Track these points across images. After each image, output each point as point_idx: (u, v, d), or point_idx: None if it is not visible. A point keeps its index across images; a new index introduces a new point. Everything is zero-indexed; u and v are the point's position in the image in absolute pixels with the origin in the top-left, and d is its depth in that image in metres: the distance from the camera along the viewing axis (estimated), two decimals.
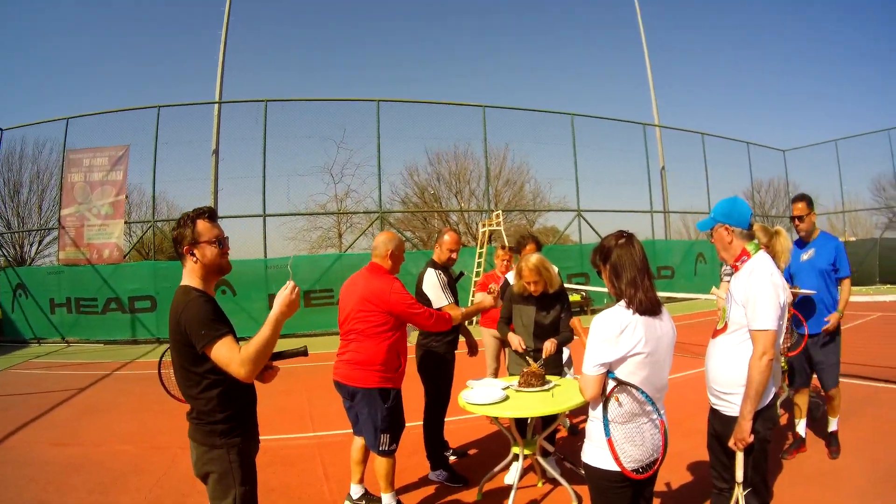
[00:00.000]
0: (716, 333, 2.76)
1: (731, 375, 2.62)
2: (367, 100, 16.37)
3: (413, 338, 4.02)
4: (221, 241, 2.35)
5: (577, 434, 5.42)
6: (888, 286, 20.64)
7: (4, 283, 14.96)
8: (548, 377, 3.90)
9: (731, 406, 2.63)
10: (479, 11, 59.51)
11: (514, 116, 18.53)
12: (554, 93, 55.85)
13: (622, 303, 2.30)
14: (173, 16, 45.05)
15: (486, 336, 5.73)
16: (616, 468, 2.21)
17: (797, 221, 4.50)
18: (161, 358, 2.98)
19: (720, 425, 2.70)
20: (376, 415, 3.53)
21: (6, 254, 18.02)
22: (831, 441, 4.49)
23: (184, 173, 16.47)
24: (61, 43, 42.21)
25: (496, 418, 3.75)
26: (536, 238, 5.54)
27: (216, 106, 16.58)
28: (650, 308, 2.28)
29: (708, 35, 57.95)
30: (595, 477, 2.33)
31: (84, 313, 14.17)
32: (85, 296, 14.17)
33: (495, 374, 5.60)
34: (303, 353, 2.48)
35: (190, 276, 2.31)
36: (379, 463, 3.58)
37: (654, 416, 2.31)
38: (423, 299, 4.20)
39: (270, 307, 2.20)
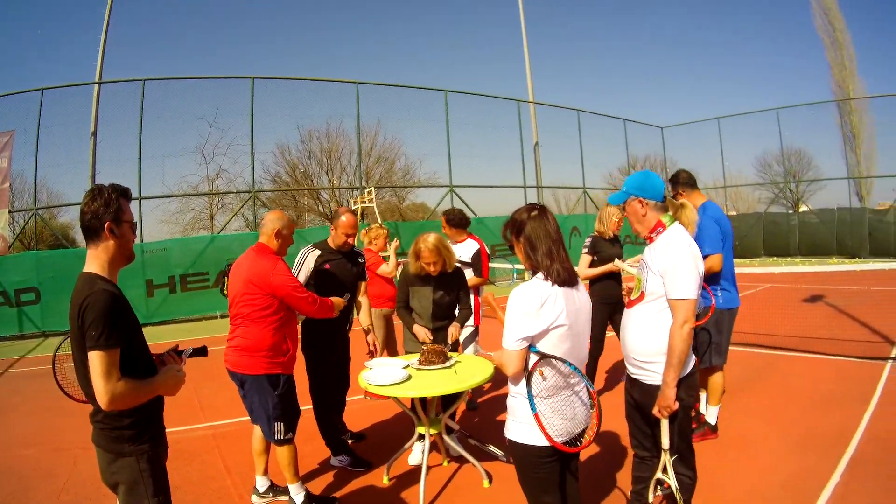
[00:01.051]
0: (631, 304, 2.81)
1: (651, 345, 2.68)
2: (242, 77, 16.28)
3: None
4: (134, 226, 2.24)
5: (476, 409, 5.62)
6: (773, 258, 21.80)
7: None
8: (449, 353, 3.89)
9: (652, 375, 2.69)
10: None
11: (387, 92, 18.60)
12: (428, 69, 55.88)
13: (539, 275, 2.27)
14: None
15: (373, 316, 5.45)
16: (545, 443, 2.19)
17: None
18: (55, 352, 2.79)
19: (640, 394, 2.77)
20: (267, 403, 3.46)
21: None
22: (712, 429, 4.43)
23: (64, 158, 16.05)
24: None
25: (396, 398, 3.67)
26: (455, 214, 5.60)
27: (95, 87, 16.19)
28: (568, 279, 2.27)
29: (587, 12, 58.91)
30: (523, 454, 2.31)
31: None
32: None
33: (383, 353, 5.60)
34: (202, 352, 2.43)
35: (96, 260, 2.14)
36: (279, 453, 3.54)
37: (579, 388, 2.30)
38: None
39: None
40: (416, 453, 4.19)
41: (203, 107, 16.79)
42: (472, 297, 4.99)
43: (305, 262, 4.18)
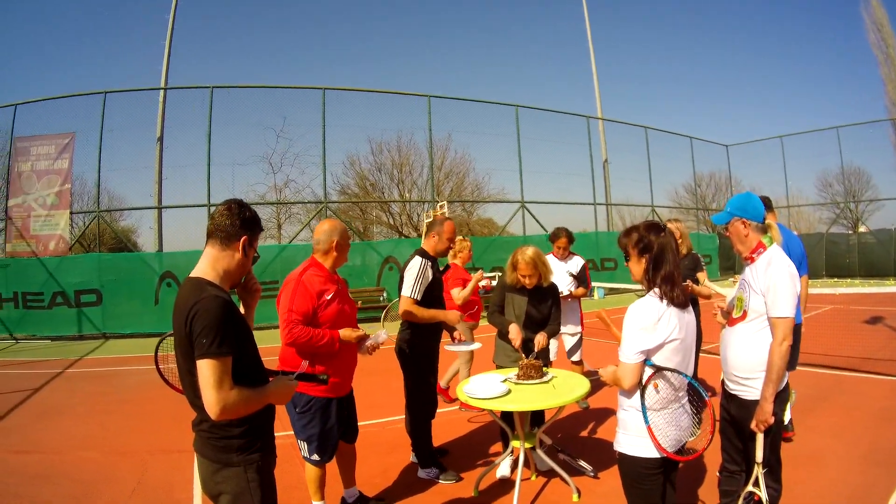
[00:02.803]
0: (733, 322, 2.86)
1: (751, 361, 2.73)
2: (314, 87, 16.24)
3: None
4: (255, 260, 2.22)
5: (587, 409, 5.69)
6: (833, 279, 21.37)
7: None
8: (545, 369, 3.89)
9: (750, 391, 2.74)
10: (426, 2, 58.96)
11: (458, 107, 18.51)
12: (498, 84, 55.85)
13: (654, 293, 2.35)
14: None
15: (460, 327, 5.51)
16: (654, 455, 2.29)
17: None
18: (156, 352, 2.73)
19: (737, 409, 2.82)
20: (292, 419, 3.42)
21: None
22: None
23: (127, 162, 16.10)
24: (6, 27, 40.51)
25: (493, 411, 3.70)
26: (568, 231, 5.90)
27: (161, 93, 16.27)
28: (683, 303, 2.36)
29: (654, 30, 58.42)
30: (632, 466, 2.38)
31: (31, 308, 13.79)
32: (31, 290, 13.80)
33: (470, 364, 5.75)
34: (322, 381, 2.36)
35: (214, 265, 2.07)
36: (306, 469, 3.51)
37: (685, 400, 2.41)
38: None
39: None
40: (504, 466, 4.17)
41: (271, 116, 16.96)
42: (578, 309, 5.83)
43: (425, 274, 4.13)
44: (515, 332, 4.04)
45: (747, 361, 2.75)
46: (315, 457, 3.40)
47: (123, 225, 19.66)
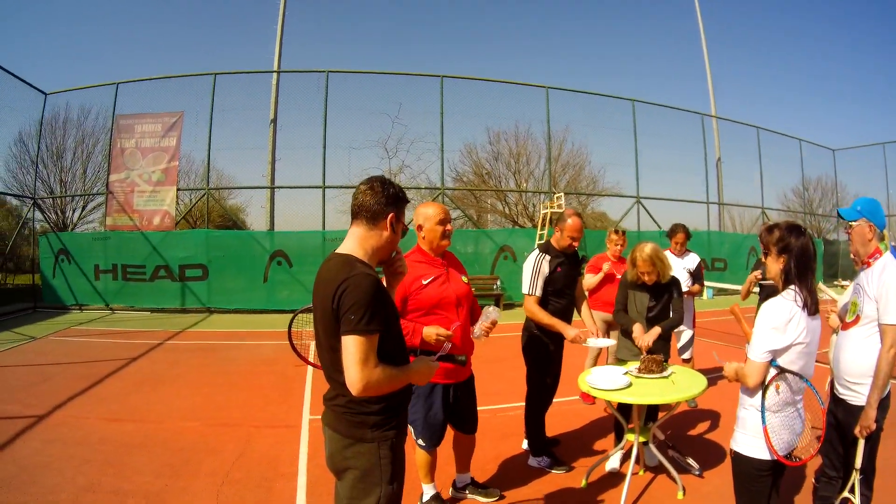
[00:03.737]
0: (846, 326, 2.88)
1: (861, 366, 2.75)
2: (432, 75, 16.11)
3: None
4: (405, 232, 2.23)
5: (696, 407, 5.60)
6: None
7: (46, 249, 14.65)
8: (665, 364, 3.88)
9: (858, 396, 2.76)
10: None
11: (575, 99, 18.20)
12: (615, 78, 55.27)
13: (789, 293, 2.35)
14: None
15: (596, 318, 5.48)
16: (766, 457, 2.31)
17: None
18: (290, 328, 2.81)
19: (844, 414, 2.83)
20: None
21: (48, 219, 17.54)
22: None
23: (236, 142, 16.11)
24: (110, 5, 41.60)
25: (610, 403, 3.77)
26: (686, 228, 5.92)
27: (274, 75, 16.31)
28: (814, 309, 2.34)
29: (766, 29, 57.46)
30: (745, 465, 2.40)
31: (131, 280, 13.92)
32: (133, 262, 13.93)
33: (595, 359, 5.74)
34: (461, 362, 2.44)
35: (362, 244, 2.05)
36: (416, 452, 3.40)
37: (801, 405, 2.40)
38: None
39: None
40: (614, 460, 4.15)
41: (385, 102, 16.58)
42: (692, 307, 5.91)
43: (541, 268, 4.08)
44: (639, 332, 4.07)
45: (858, 366, 2.77)
46: (420, 441, 3.36)
47: (232, 203, 19.70)
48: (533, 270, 4.07)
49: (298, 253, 13.94)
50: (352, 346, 1.81)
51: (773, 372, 2.31)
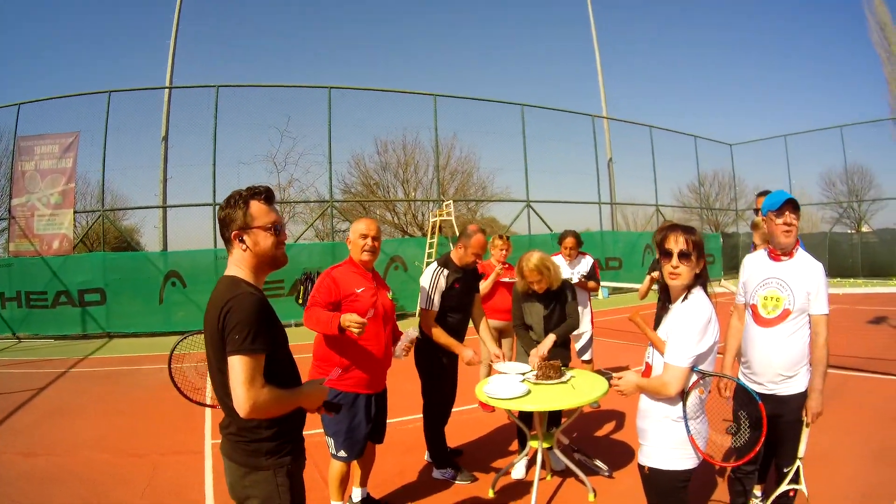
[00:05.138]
0: (770, 322, 2.89)
1: (795, 357, 2.82)
2: (319, 86, 16.24)
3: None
4: (278, 229, 2.06)
5: (598, 407, 5.68)
6: (836, 279, 21.23)
7: None
8: (563, 368, 3.89)
9: (792, 385, 2.83)
10: (431, 1, 58.96)
11: (463, 106, 18.50)
12: (504, 84, 55.96)
13: (701, 294, 2.30)
14: None
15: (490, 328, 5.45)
16: (691, 466, 2.25)
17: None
18: (172, 351, 2.68)
19: (774, 407, 2.79)
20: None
21: None
22: None
23: (131, 161, 16.13)
24: (9, 26, 40.42)
25: (510, 411, 3.73)
26: (575, 233, 5.91)
27: (166, 92, 16.27)
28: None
29: (657, 28, 58.31)
30: (667, 480, 2.29)
31: (34, 307, 13.76)
32: (35, 289, 13.78)
33: (489, 367, 5.61)
34: (335, 410, 2.25)
35: (238, 266, 2.02)
36: (330, 466, 3.47)
37: (701, 416, 2.32)
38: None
39: None
40: (520, 467, 4.18)
41: (274, 115, 16.80)
42: (588, 309, 5.86)
43: (438, 282, 4.11)
44: (533, 359, 4.04)
45: (791, 358, 2.81)
46: (342, 453, 3.36)
47: (127, 224, 19.59)
48: (430, 284, 4.09)
49: (192, 272, 13.87)
50: (237, 366, 1.80)
51: (693, 376, 2.23)
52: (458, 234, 14.05)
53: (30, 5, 40.40)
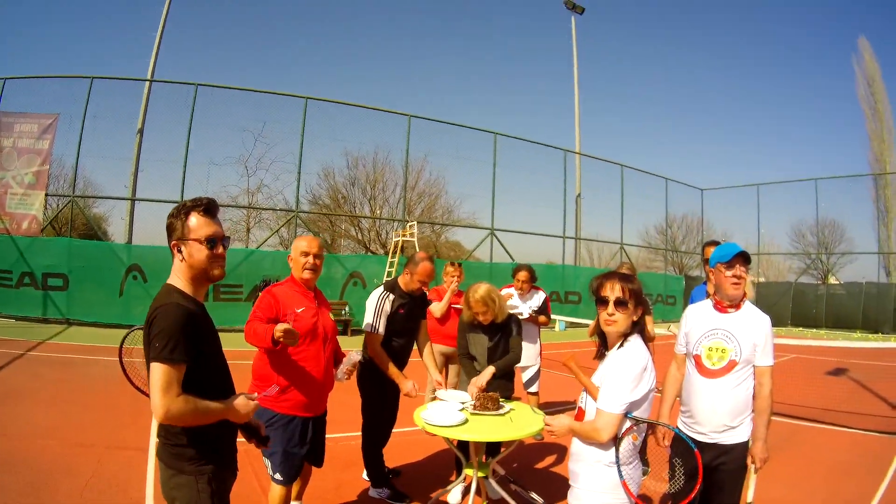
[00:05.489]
0: (715, 374, 2.85)
1: (739, 407, 2.81)
2: (297, 96, 16.44)
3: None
4: (213, 242, 2.07)
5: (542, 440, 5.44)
6: (799, 329, 21.79)
7: None
8: (502, 401, 3.87)
9: (734, 435, 2.82)
10: (416, 24, 60.45)
11: (437, 129, 18.69)
12: (478, 110, 56.76)
13: (638, 341, 2.34)
14: None
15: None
16: None
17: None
18: (122, 343, 2.70)
19: (716, 455, 2.82)
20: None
21: None
22: None
23: (107, 150, 16.01)
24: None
25: (447, 438, 3.66)
26: (529, 267, 5.99)
27: (146, 84, 16.31)
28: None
29: (637, 68, 59.84)
30: None
31: None
32: (1, 267, 13.73)
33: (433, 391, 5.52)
34: (263, 442, 2.30)
35: (176, 274, 2.08)
36: (270, 487, 3.35)
37: (637, 460, 2.35)
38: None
39: None
40: (456, 493, 4.20)
41: (251, 119, 16.89)
42: (538, 343, 5.89)
43: (383, 307, 4.14)
44: (472, 389, 4.04)
45: (735, 408, 2.81)
46: (277, 476, 3.27)
47: (96, 212, 19.56)
48: (375, 309, 4.11)
49: (154, 268, 13.96)
50: (155, 373, 1.84)
51: (626, 423, 2.24)
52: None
53: None
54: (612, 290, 2.33)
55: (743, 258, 2.87)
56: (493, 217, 18.94)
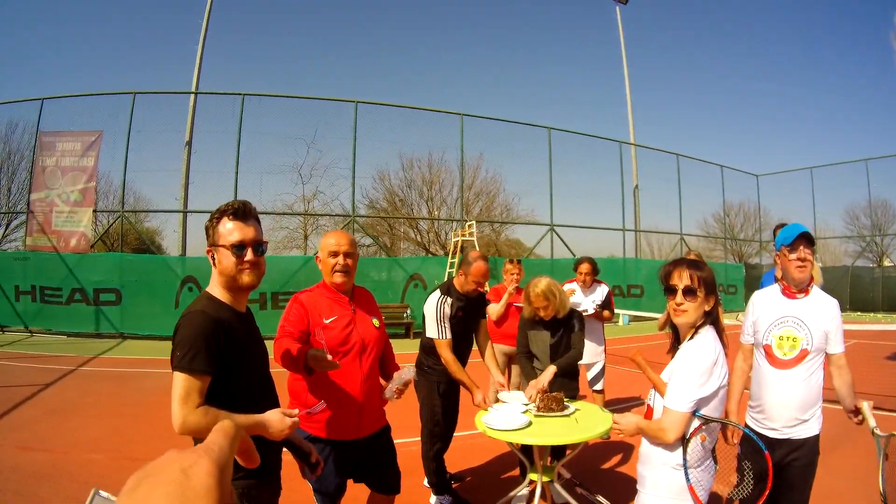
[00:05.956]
0: (787, 364, 2.72)
1: (811, 399, 2.69)
2: (346, 100, 16.28)
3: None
4: (241, 248, 1.96)
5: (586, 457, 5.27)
6: (857, 313, 21.18)
7: None
8: (566, 401, 3.70)
9: (806, 429, 2.70)
10: (463, 21, 59.91)
11: (490, 126, 18.49)
12: (531, 106, 55.86)
13: (709, 333, 2.15)
14: (154, 1, 43.98)
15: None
16: None
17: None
18: None
19: (788, 451, 2.69)
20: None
21: None
22: None
23: (154, 164, 16.32)
24: (37, 23, 40.92)
25: (510, 442, 3.49)
26: (592, 260, 5.77)
27: (192, 97, 16.31)
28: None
29: (687, 57, 58.77)
30: None
31: (48, 303, 13.77)
32: (50, 285, 13.79)
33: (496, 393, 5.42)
34: (312, 469, 2.21)
35: (213, 281, 2.02)
36: None
37: (713, 453, 2.19)
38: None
39: None
40: (520, 499, 4.00)
41: (301, 127, 16.78)
42: (602, 337, 5.75)
43: (444, 311, 3.88)
44: (531, 391, 3.83)
45: (808, 400, 2.69)
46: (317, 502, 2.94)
47: (148, 226, 19.72)
48: (437, 315, 3.87)
49: (209, 278, 13.75)
50: (176, 382, 1.78)
51: (695, 422, 2.08)
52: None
53: (56, 1, 40.85)
54: (681, 279, 2.18)
55: (806, 239, 2.73)
56: (551, 213, 18.63)
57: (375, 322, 2.95)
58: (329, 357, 2.34)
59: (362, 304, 2.96)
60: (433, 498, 4.09)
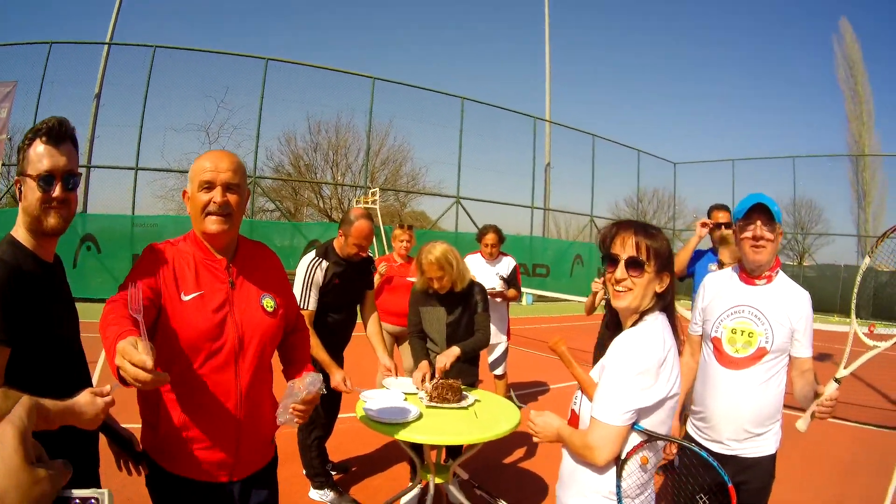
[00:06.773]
0: (740, 363, 2.23)
1: (767, 410, 2.23)
2: (256, 56, 15.95)
3: None
4: (49, 180, 1.53)
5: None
6: None
7: None
8: (464, 390, 3.24)
9: (758, 446, 2.23)
10: None
11: (402, 92, 18.21)
12: (446, 75, 55.41)
13: (662, 318, 1.65)
14: None
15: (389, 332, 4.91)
16: None
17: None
18: None
19: (735, 473, 2.07)
20: None
21: None
22: None
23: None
24: None
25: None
26: (497, 228, 5.28)
27: (105, 48, 15.84)
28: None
29: (610, 39, 58.52)
30: None
31: None
32: None
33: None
34: (138, 461, 1.79)
35: (18, 221, 1.59)
36: None
37: (651, 490, 1.67)
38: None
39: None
40: (410, 498, 3.51)
41: (212, 84, 16.38)
42: (506, 316, 5.26)
43: (314, 277, 3.38)
44: (417, 381, 3.33)
45: (762, 410, 2.22)
46: None
47: None
48: (304, 279, 3.36)
49: (108, 238, 13.58)
50: None
51: (636, 439, 1.58)
52: (380, 223, 14.25)
53: None
54: (624, 246, 1.63)
55: (763, 213, 2.27)
56: (458, 185, 18.61)
57: (268, 304, 1.87)
58: (148, 360, 1.24)
59: (250, 272, 1.89)
60: (313, 492, 3.66)
